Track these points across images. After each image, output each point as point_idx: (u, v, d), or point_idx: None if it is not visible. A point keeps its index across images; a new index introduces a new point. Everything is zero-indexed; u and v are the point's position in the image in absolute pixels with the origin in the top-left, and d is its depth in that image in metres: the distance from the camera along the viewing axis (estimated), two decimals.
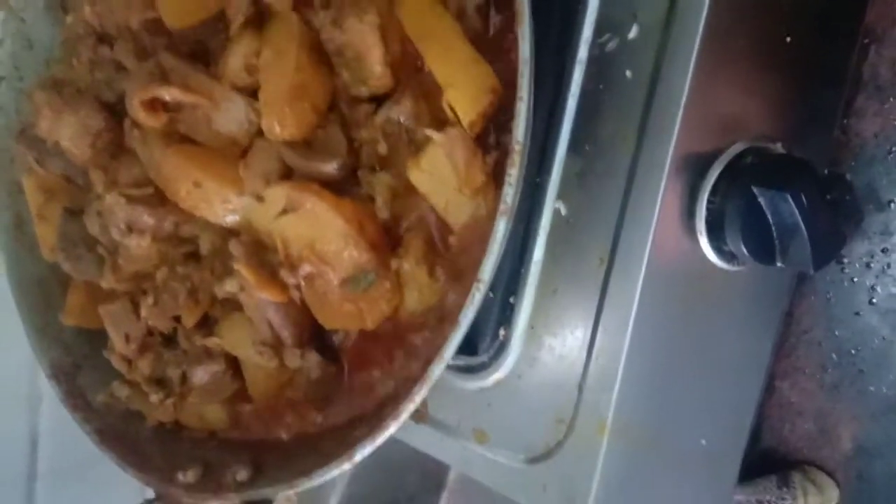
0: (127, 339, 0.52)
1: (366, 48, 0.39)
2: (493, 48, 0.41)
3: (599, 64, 0.52)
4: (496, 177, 0.40)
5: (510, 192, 0.35)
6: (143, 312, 0.50)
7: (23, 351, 0.71)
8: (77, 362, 0.60)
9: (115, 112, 0.54)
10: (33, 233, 0.63)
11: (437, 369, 0.38)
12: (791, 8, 0.50)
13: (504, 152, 0.37)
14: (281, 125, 0.41)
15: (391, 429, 0.39)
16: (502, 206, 0.36)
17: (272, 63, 0.42)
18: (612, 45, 0.51)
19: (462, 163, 0.38)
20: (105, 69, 0.53)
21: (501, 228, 0.36)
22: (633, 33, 0.50)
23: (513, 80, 0.38)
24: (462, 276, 0.42)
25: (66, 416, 0.63)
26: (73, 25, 0.55)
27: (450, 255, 0.43)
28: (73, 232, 0.57)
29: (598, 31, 0.51)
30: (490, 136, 0.42)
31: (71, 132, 0.53)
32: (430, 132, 0.39)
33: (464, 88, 0.38)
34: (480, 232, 0.40)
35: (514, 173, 0.35)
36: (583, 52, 0.52)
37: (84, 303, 0.59)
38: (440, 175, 0.41)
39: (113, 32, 0.53)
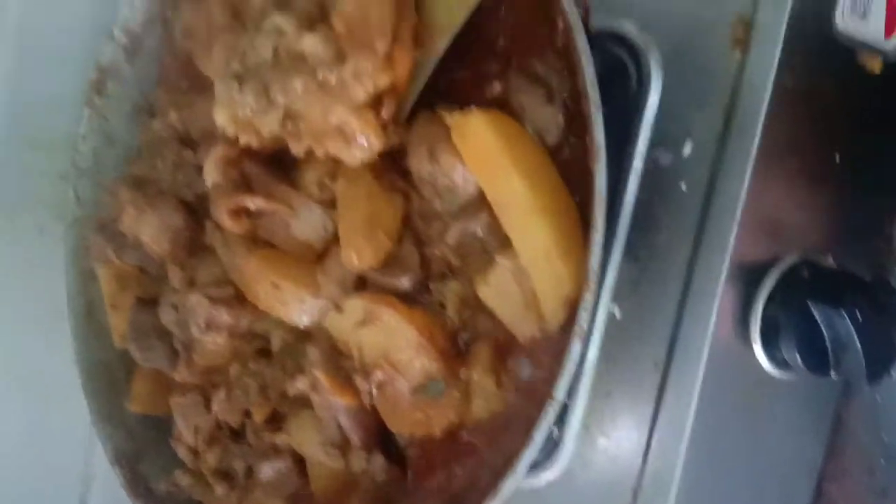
0: (196, 431, 0.54)
1: (460, 180, 0.42)
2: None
3: (654, 176, 0.54)
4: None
5: (584, 317, 0.37)
6: (215, 407, 0.52)
7: (78, 430, 0.74)
8: (140, 449, 0.62)
9: (194, 211, 0.57)
10: (103, 319, 0.65)
11: (511, 483, 0.39)
12: (841, 129, 0.53)
13: None
14: (359, 257, 0.44)
15: None
16: (577, 329, 0.37)
17: (346, 190, 0.45)
18: (666, 160, 0.54)
19: (530, 290, 0.41)
20: (187, 171, 0.57)
21: (576, 350, 0.37)
22: (687, 149, 0.53)
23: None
24: (530, 388, 0.43)
25: (116, 497, 0.65)
26: (158, 130, 0.59)
27: (516, 365, 0.44)
28: (145, 322, 0.60)
29: (653, 144, 0.54)
30: None
31: (152, 229, 0.56)
32: (499, 259, 0.41)
33: (545, 291, 0.40)
34: (549, 346, 0.42)
35: (588, 298, 0.37)
36: (637, 163, 0.54)
37: (150, 390, 0.62)
38: (507, 292, 0.43)
39: (196, 137, 0.57)
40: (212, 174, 0.50)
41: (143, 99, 0.65)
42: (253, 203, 0.48)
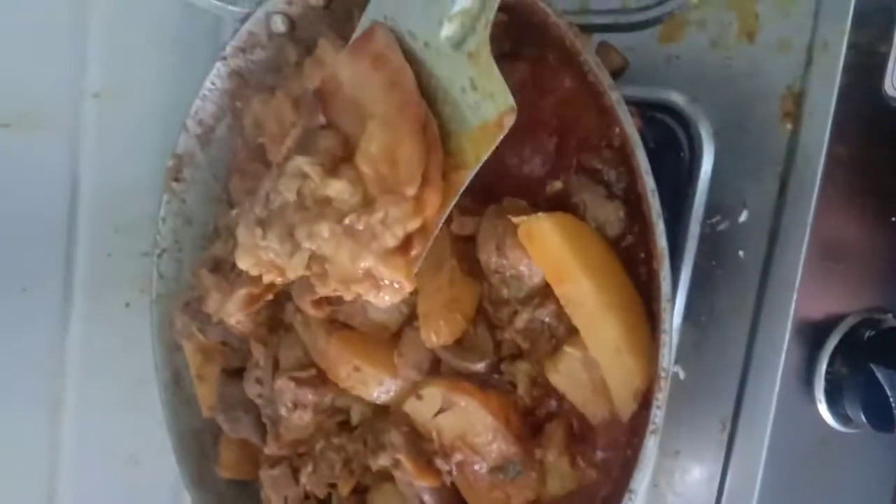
0: (286, 501, 0.57)
1: (527, 270, 0.45)
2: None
3: (712, 242, 0.56)
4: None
5: (659, 415, 0.40)
6: (303, 479, 0.56)
7: (168, 493, 0.78)
8: None
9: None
10: (189, 388, 0.70)
11: None
12: (894, 192, 0.54)
13: None
14: (437, 336, 0.47)
15: None
16: (651, 427, 0.40)
17: (429, 274, 0.48)
18: (723, 226, 0.55)
19: (599, 378, 0.43)
20: None
21: (651, 445, 0.40)
22: (743, 217, 0.54)
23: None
24: (604, 466, 0.45)
25: None
26: (236, 217, 0.63)
27: (589, 444, 0.47)
28: (231, 395, 0.64)
29: (709, 212, 0.56)
30: None
31: (235, 311, 0.60)
32: (568, 349, 0.44)
33: (615, 383, 0.42)
34: (622, 428, 0.44)
35: (661, 397, 0.39)
36: (695, 229, 0.56)
37: (237, 456, 0.66)
38: (576, 378, 0.45)
39: None
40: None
41: (215, 182, 0.69)
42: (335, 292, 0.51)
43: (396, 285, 0.42)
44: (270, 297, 0.53)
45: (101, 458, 0.78)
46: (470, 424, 0.47)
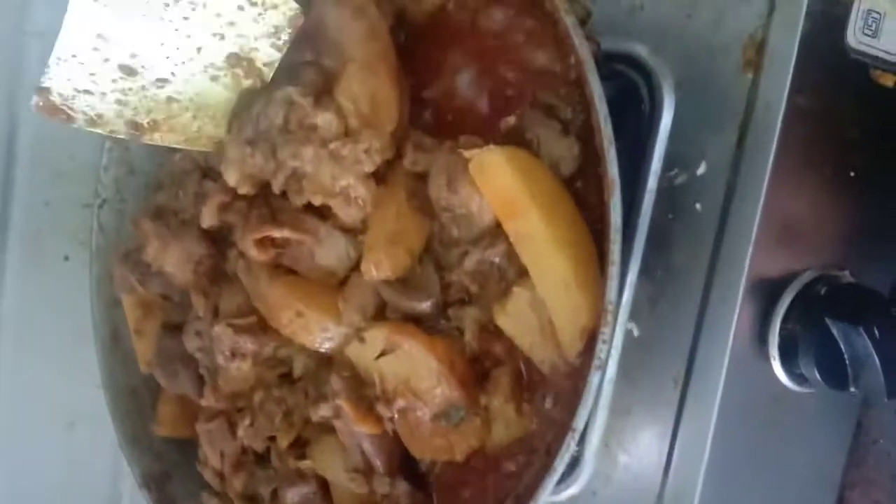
0: (222, 456, 0.55)
1: (477, 209, 0.43)
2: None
3: (669, 195, 0.54)
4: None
5: (604, 349, 0.38)
6: (240, 433, 0.53)
7: (106, 455, 0.75)
8: (167, 471, 0.63)
9: (216, 240, 0.58)
10: (128, 346, 0.67)
11: None
12: (855, 144, 0.53)
13: None
14: (377, 268, 0.45)
15: None
16: (596, 362, 0.38)
17: (377, 207, 0.46)
18: (681, 179, 0.54)
19: (547, 319, 0.41)
20: None
21: (595, 381, 0.38)
22: (701, 169, 0.53)
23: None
24: (550, 415, 0.44)
25: None
26: (180, 161, 0.60)
27: (536, 391, 0.45)
28: (170, 348, 0.61)
29: (667, 165, 0.54)
30: None
31: (175, 259, 0.57)
32: (517, 289, 0.42)
33: (563, 322, 0.41)
34: (568, 375, 0.43)
35: (607, 331, 0.38)
36: (652, 183, 0.55)
37: (176, 413, 0.63)
38: (525, 321, 0.43)
39: (218, 168, 0.58)
40: (208, 219, 0.53)
41: None
42: (280, 233, 0.49)
43: (361, 202, 0.47)
44: (242, 203, 0.52)
45: (36, 419, 0.75)
46: (413, 369, 0.45)
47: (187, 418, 0.62)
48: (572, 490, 0.58)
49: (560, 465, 0.39)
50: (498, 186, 0.41)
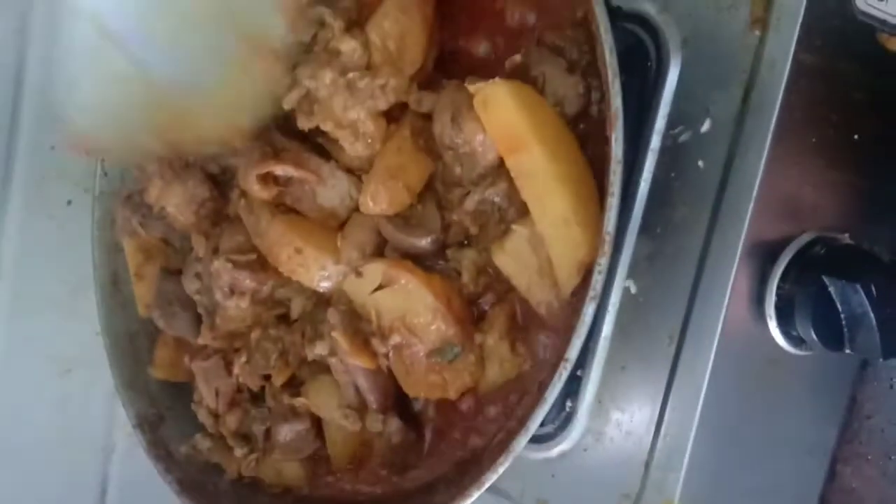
0: (217, 394, 0.55)
1: (480, 147, 0.43)
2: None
3: (672, 153, 0.54)
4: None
5: (599, 280, 0.38)
6: (236, 370, 0.53)
7: (101, 403, 0.76)
8: (161, 414, 0.63)
9: (219, 183, 0.58)
10: (128, 290, 0.67)
11: (522, 440, 0.40)
12: (859, 106, 0.53)
13: None
14: (374, 200, 0.45)
15: (473, 496, 0.41)
16: (591, 293, 0.38)
17: (384, 144, 0.46)
18: (684, 137, 0.54)
19: (545, 257, 0.41)
20: None
21: (589, 312, 0.38)
22: (705, 127, 0.53)
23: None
24: (545, 357, 0.44)
25: (135, 468, 0.66)
26: None
27: (531, 332, 0.45)
28: (169, 291, 0.61)
29: (672, 123, 0.54)
30: None
31: (178, 200, 0.57)
32: (516, 227, 0.42)
33: (561, 257, 0.41)
34: (564, 317, 0.43)
35: (603, 262, 0.38)
36: (655, 142, 0.55)
37: (173, 357, 0.63)
38: (523, 260, 0.44)
39: None
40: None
41: None
42: (283, 169, 0.49)
43: (370, 140, 0.47)
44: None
45: (33, 366, 0.75)
46: (410, 304, 0.45)
47: (184, 363, 0.62)
48: (563, 446, 0.58)
49: (551, 395, 0.39)
50: (502, 120, 0.41)
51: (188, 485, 0.58)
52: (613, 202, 0.38)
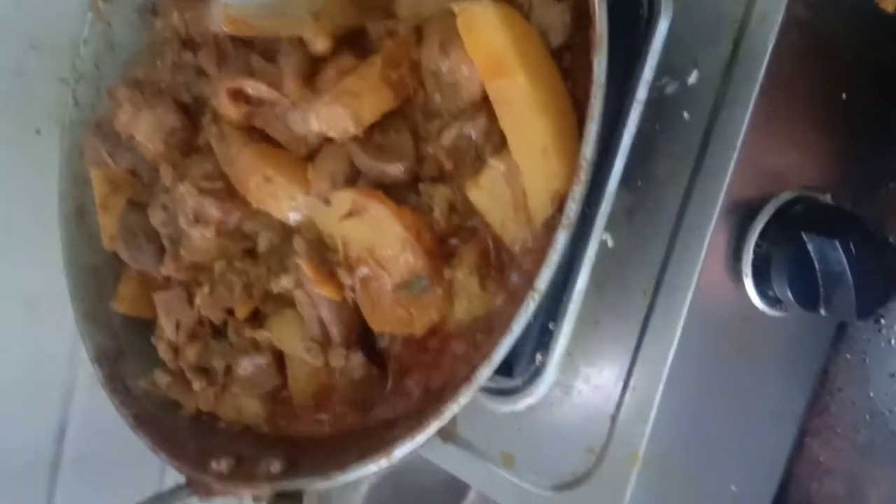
0: (177, 326, 0.54)
1: (464, 80, 0.42)
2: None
3: (657, 105, 0.53)
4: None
5: (573, 208, 0.37)
6: (198, 301, 0.52)
7: (63, 341, 0.74)
8: (121, 348, 0.62)
9: (191, 113, 0.56)
10: (93, 223, 0.65)
11: (485, 372, 0.39)
12: (849, 66, 0.52)
13: None
14: (317, 119, 0.44)
15: (432, 427, 0.40)
16: (565, 220, 0.37)
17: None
18: (671, 88, 0.53)
19: (520, 191, 0.40)
20: (186, 73, 0.56)
21: (561, 241, 0.37)
22: (692, 78, 0.52)
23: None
24: (514, 293, 0.43)
25: (96, 406, 0.64)
26: (161, 30, 0.58)
27: (502, 270, 0.44)
28: (135, 223, 0.59)
29: (659, 74, 0.53)
30: None
31: (147, 128, 0.56)
32: (492, 161, 0.41)
33: (536, 187, 0.40)
34: (536, 251, 0.42)
35: (578, 190, 0.37)
36: (642, 93, 0.53)
37: (136, 292, 0.61)
38: (498, 195, 0.42)
39: (198, 39, 0.56)
40: None
41: (144, 8, 0.64)
42: (254, 88, 0.47)
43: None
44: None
45: None
46: (378, 235, 0.44)
47: (148, 299, 0.60)
48: (531, 399, 0.57)
49: (517, 327, 0.38)
50: (486, 42, 0.40)
51: (145, 420, 0.56)
52: (593, 128, 0.36)
